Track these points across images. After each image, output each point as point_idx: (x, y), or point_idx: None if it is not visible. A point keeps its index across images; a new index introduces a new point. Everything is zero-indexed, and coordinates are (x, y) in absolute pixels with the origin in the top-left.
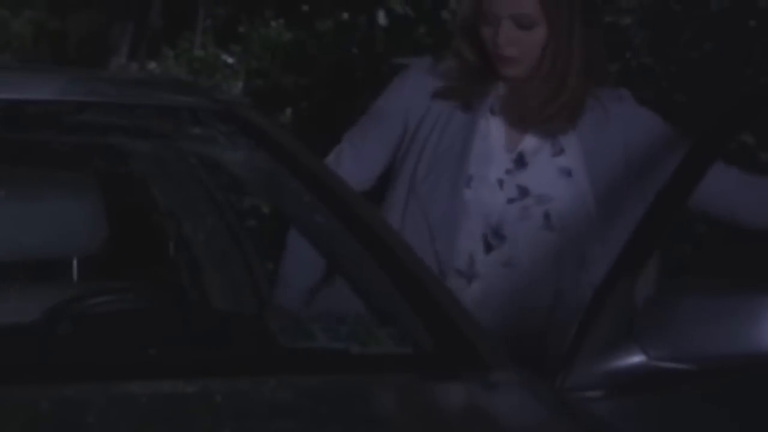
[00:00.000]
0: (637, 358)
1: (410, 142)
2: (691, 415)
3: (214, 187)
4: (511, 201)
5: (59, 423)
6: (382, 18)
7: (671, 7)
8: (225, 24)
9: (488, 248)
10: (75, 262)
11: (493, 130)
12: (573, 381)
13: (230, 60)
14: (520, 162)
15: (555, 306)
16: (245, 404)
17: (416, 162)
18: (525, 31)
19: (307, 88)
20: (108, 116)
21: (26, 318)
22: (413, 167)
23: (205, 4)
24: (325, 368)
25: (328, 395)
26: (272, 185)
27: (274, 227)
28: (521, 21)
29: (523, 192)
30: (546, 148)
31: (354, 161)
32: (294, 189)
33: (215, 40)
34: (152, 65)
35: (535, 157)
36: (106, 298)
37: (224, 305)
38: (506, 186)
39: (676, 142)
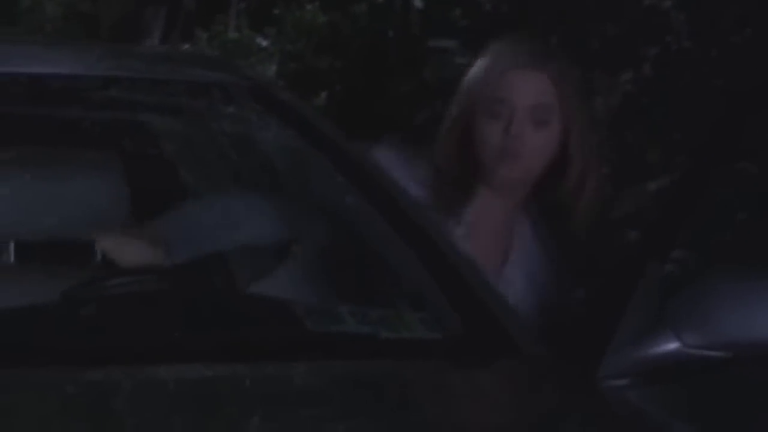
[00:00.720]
0: (671, 345)
1: None
2: (725, 402)
3: (243, 167)
4: None
5: (85, 407)
6: (417, 0)
7: None
8: (259, 6)
9: None
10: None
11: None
12: (606, 368)
13: (264, 43)
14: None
15: None
16: (274, 390)
17: None
18: (538, 127)
19: (342, 71)
20: (134, 92)
21: (49, 299)
22: None
23: None
24: (354, 353)
25: (357, 381)
26: (301, 165)
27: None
28: (538, 114)
29: None
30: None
31: None
32: (323, 169)
33: (249, 22)
34: (185, 48)
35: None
36: (128, 279)
37: (251, 288)
38: None
39: None
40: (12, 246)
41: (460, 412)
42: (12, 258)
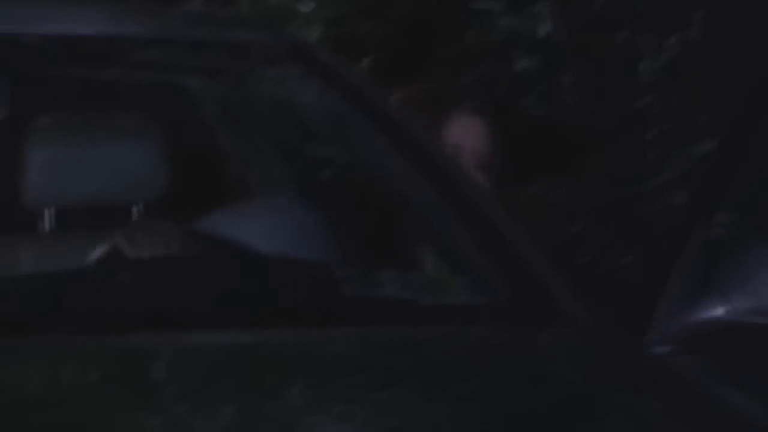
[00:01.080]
0: (717, 311)
1: None
2: None
3: (283, 131)
4: None
5: (125, 374)
6: None
7: None
8: None
9: None
10: (136, 209)
11: None
12: (651, 335)
13: (306, 8)
14: None
15: None
16: (314, 357)
17: None
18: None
19: (385, 36)
20: (172, 53)
21: (87, 265)
22: None
23: None
24: (394, 320)
25: (398, 349)
26: (343, 129)
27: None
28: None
29: None
30: None
31: None
32: (366, 132)
33: None
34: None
35: None
36: (165, 243)
37: (289, 252)
38: None
39: None
40: (50, 212)
41: (506, 382)
42: (50, 224)
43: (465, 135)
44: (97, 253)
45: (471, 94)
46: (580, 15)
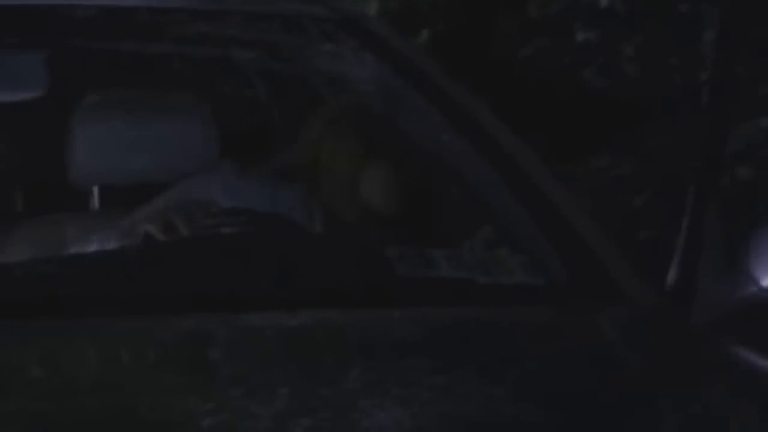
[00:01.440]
0: (750, 289)
1: None
2: None
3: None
4: None
5: (182, 356)
6: None
7: None
8: None
9: None
10: None
11: None
12: (695, 312)
13: None
14: None
15: None
16: (371, 339)
17: None
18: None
19: (444, 8)
20: (225, 27)
21: (134, 243)
22: None
23: None
24: (448, 300)
25: (455, 330)
26: (399, 104)
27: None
28: None
29: None
30: None
31: None
32: (422, 108)
33: None
34: None
35: None
36: (215, 222)
37: (340, 233)
38: None
39: None
40: (97, 190)
41: (565, 364)
42: (97, 203)
43: None
44: (148, 231)
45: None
46: None
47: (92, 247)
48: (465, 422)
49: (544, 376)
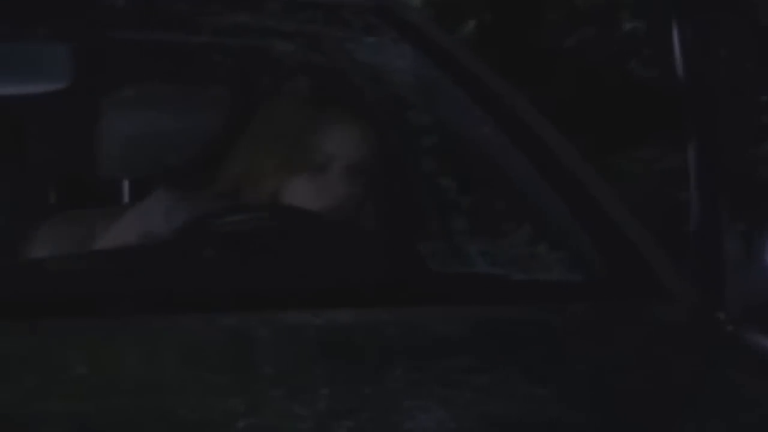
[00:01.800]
0: None
1: None
2: None
3: (374, 99)
4: None
5: (222, 355)
6: None
7: None
8: None
9: None
10: None
11: None
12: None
13: None
14: None
15: None
16: (412, 338)
17: None
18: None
19: None
20: (262, 18)
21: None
22: None
23: None
24: (484, 297)
25: (495, 329)
26: (437, 97)
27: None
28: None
29: None
30: None
31: None
32: (460, 101)
33: None
34: None
35: None
36: (244, 216)
37: (374, 227)
38: None
39: None
40: (127, 184)
41: (609, 362)
42: (128, 197)
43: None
44: (184, 226)
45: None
46: None
47: (126, 243)
48: (508, 424)
49: (587, 375)
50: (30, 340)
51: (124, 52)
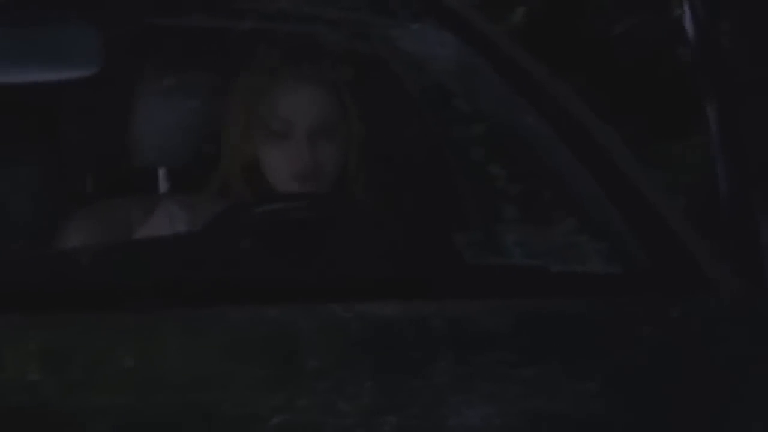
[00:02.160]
0: None
1: None
2: None
3: (415, 89)
4: None
5: (266, 349)
6: None
7: None
8: None
9: None
10: None
11: None
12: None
13: None
14: None
15: None
16: (454, 331)
17: None
18: (324, 144)
19: None
20: (305, 4)
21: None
22: None
23: None
24: (521, 290)
25: (539, 322)
26: (478, 86)
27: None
28: (323, 130)
29: None
30: None
31: None
32: (502, 90)
33: None
34: None
35: None
36: (278, 206)
37: (411, 218)
38: None
39: None
40: (163, 173)
41: (656, 356)
42: (164, 185)
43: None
44: (223, 216)
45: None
46: None
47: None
48: (555, 420)
49: (634, 369)
50: (74, 333)
51: (163, 38)
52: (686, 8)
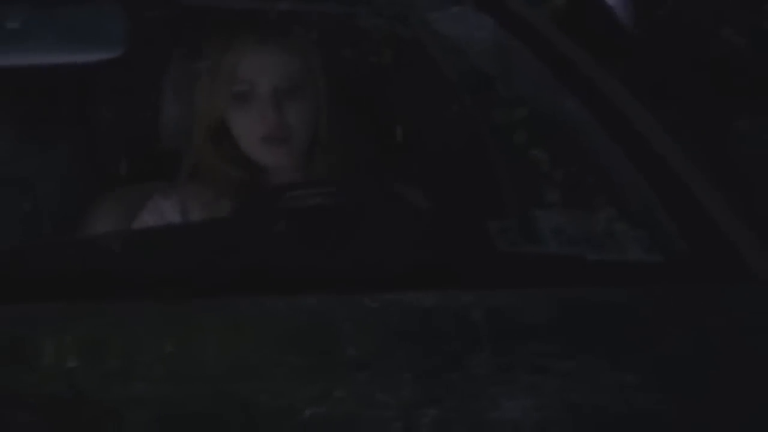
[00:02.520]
0: None
1: None
2: None
3: (454, 73)
4: None
5: (303, 339)
6: None
7: None
8: None
9: None
10: None
11: None
12: None
13: None
14: None
15: None
16: (493, 321)
17: None
18: (292, 106)
19: None
20: None
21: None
22: None
23: None
24: (557, 279)
25: (579, 312)
26: (517, 69)
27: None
28: (289, 92)
29: None
30: None
31: None
32: (542, 74)
33: None
34: None
35: None
36: (308, 191)
37: (446, 205)
38: None
39: None
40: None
41: (698, 348)
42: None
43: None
44: (253, 202)
45: None
46: None
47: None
48: (595, 414)
49: (676, 362)
50: (112, 321)
51: (195, 19)
52: None
